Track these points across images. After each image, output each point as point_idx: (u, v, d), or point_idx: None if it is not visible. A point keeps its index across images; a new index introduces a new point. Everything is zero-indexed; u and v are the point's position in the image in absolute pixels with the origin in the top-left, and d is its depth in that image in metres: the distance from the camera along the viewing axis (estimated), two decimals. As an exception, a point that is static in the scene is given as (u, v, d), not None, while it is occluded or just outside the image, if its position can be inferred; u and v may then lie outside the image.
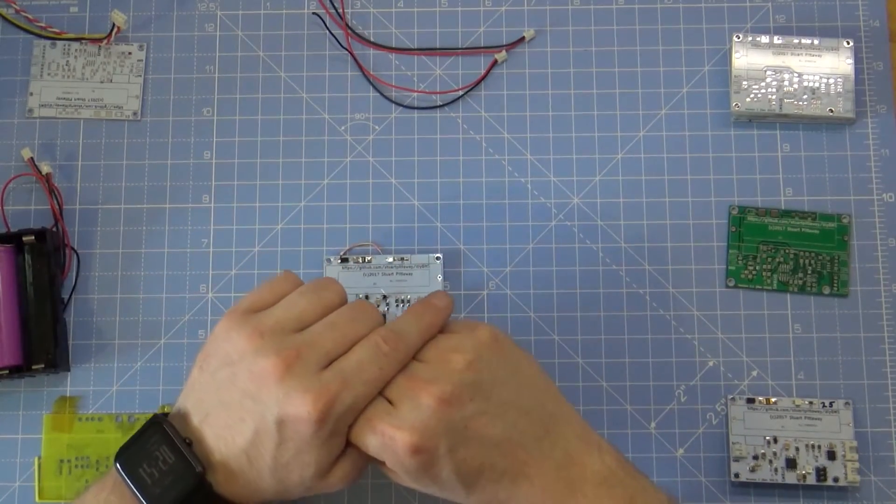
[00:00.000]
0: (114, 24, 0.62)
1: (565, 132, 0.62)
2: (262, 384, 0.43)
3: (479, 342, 0.46)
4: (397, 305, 0.59)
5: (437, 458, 0.44)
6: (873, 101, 0.62)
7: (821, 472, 0.56)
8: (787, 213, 0.60)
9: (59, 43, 0.63)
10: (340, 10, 0.64)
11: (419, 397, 0.44)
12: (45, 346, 0.57)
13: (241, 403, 0.44)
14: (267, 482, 0.45)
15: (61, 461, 0.58)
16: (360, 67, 0.63)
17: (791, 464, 0.56)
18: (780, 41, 0.61)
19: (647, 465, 0.57)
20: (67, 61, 0.63)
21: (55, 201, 0.60)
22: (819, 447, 0.56)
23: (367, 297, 0.59)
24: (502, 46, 0.63)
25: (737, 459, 0.56)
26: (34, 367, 0.57)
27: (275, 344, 0.44)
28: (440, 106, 0.63)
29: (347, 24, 0.64)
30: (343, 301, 0.48)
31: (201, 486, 0.44)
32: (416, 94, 0.63)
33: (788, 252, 0.60)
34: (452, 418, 0.44)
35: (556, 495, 0.45)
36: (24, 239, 0.58)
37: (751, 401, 0.57)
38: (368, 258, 0.60)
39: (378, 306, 0.59)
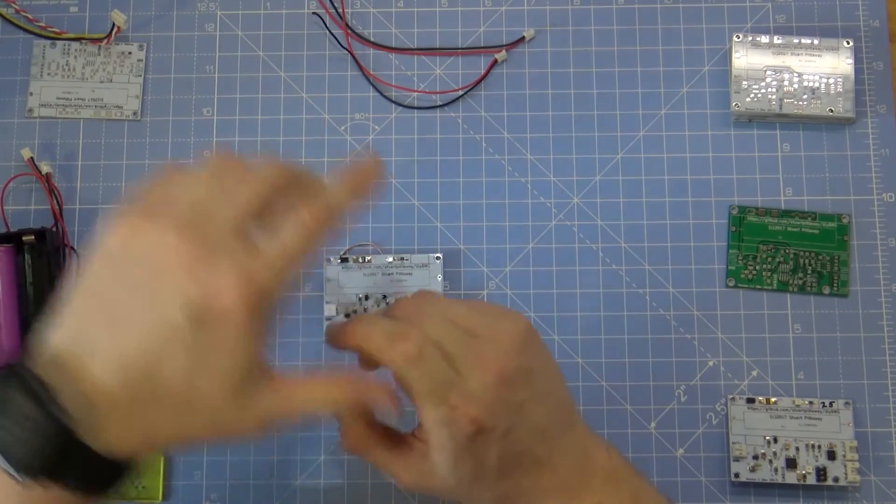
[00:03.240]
0: (114, 24, 0.62)
1: (565, 132, 0.62)
2: (161, 273, 0.36)
3: (523, 329, 0.44)
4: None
5: (493, 440, 0.42)
6: (873, 101, 0.62)
7: (821, 472, 0.56)
8: (787, 213, 0.60)
9: (59, 43, 0.63)
10: (340, 10, 0.64)
11: (485, 375, 0.42)
12: (44, 346, 0.57)
13: (134, 305, 0.36)
14: (167, 417, 0.37)
15: (61, 461, 0.58)
16: (360, 67, 0.63)
17: (791, 464, 0.56)
18: (780, 41, 0.61)
19: (647, 465, 0.57)
20: (67, 61, 0.63)
21: (55, 201, 0.60)
22: (819, 447, 0.56)
23: (366, 297, 0.59)
24: (502, 46, 0.63)
25: (737, 459, 0.56)
26: (34, 366, 0.57)
27: (172, 221, 0.37)
28: (440, 106, 0.63)
29: (347, 24, 0.63)
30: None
31: (73, 440, 0.35)
32: (415, 94, 0.63)
33: (788, 252, 0.60)
34: (511, 400, 0.42)
35: (570, 487, 0.44)
36: (24, 239, 0.58)
37: (751, 401, 0.57)
38: (368, 258, 0.60)
39: (378, 306, 0.59)
